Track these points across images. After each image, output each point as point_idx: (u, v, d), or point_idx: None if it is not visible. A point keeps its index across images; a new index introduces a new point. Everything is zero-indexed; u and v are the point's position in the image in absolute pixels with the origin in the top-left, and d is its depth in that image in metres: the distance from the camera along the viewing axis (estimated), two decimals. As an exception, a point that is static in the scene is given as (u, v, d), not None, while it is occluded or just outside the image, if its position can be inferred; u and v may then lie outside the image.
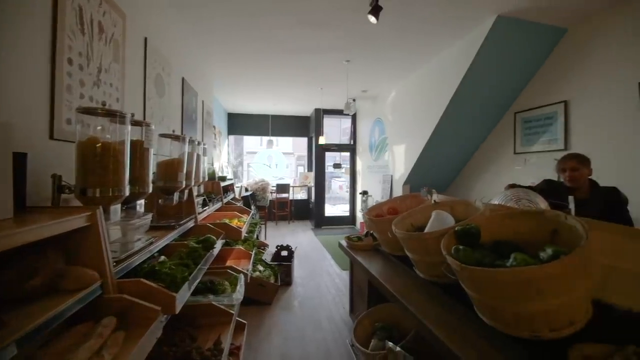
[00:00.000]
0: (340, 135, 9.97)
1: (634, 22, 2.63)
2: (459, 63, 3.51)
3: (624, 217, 1.68)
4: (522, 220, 1.04)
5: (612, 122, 2.79)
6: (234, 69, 4.46)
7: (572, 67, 3.17)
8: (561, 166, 1.93)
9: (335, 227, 7.02)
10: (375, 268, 1.61)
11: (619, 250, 0.89)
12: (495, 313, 0.84)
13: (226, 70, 4.52)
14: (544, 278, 0.71)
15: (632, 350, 0.74)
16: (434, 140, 4.18)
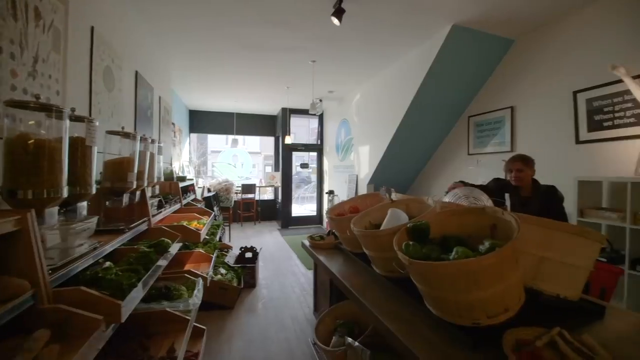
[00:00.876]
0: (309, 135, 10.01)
1: (568, 36, 2.94)
2: (418, 68, 3.69)
3: (560, 212, 1.88)
4: (467, 217, 1.12)
5: (551, 126, 3.09)
6: (194, 65, 4.28)
7: (518, 75, 3.47)
8: (508, 167, 2.09)
9: (303, 226, 7.02)
10: (336, 266, 1.63)
11: (548, 242, 1.00)
12: (440, 304, 0.90)
13: (186, 65, 4.32)
14: (481, 269, 0.77)
15: (557, 331, 0.83)
16: (396, 141, 4.34)
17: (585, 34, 2.79)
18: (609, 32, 2.60)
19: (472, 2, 2.76)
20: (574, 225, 1.00)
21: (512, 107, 3.54)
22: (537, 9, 2.84)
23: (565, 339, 0.79)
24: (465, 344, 0.85)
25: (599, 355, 0.72)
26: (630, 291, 2.15)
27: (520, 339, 0.82)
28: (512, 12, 2.91)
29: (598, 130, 2.72)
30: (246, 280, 3.32)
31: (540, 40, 3.20)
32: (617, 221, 2.23)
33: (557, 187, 1.98)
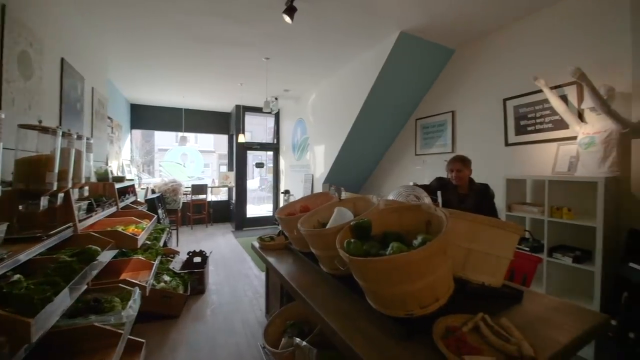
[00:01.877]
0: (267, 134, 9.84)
1: (500, 49, 3.25)
2: (370, 71, 3.81)
3: (492, 208, 2.08)
4: (405, 213, 1.17)
5: (485, 129, 3.40)
6: (135, 54, 3.94)
7: (457, 82, 3.76)
8: (449, 167, 2.27)
9: (258, 227, 6.86)
10: (285, 267, 1.61)
11: (474, 235, 1.08)
12: (378, 297, 0.93)
13: (126, 55, 3.96)
14: (413, 263, 0.81)
15: (480, 317, 0.90)
16: (350, 142, 4.45)
17: (513, 48, 3.11)
18: (533, 47, 2.93)
19: (417, 12, 2.92)
20: (495, 220, 1.10)
21: (452, 112, 3.83)
22: (472, 23, 3.10)
23: (487, 323, 0.86)
24: (400, 334, 0.89)
25: (513, 336, 0.80)
26: (549, 276, 2.46)
27: (450, 325, 0.88)
28: (451, 24, 3.14)
29: (523, 134, 3.05)
30: (194, 287, 3.14)
31: (476, 51, 3.51)
32: (538, 214, 2.53)
33: (489, 185, 2.18)
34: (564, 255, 2.35)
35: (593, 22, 2.50)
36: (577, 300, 2.34)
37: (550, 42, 2.79)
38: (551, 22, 2.79)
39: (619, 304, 2.01)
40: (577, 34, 2.60)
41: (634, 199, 2.22)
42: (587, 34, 2.54)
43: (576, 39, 2.61)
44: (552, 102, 2.63)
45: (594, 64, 2.43)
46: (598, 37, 2.46)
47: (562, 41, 2.71)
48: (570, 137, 2.60)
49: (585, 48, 2.54)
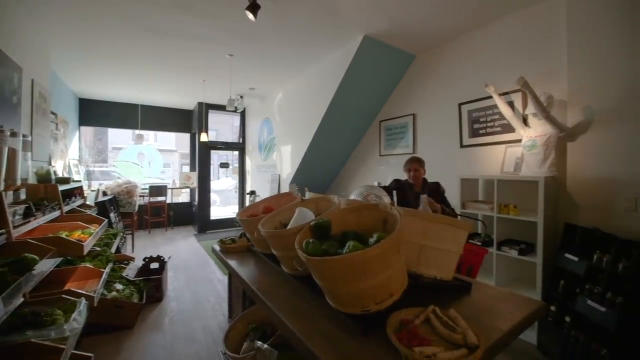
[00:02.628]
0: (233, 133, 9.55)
1: (455, 57, 3.46)
2: (335, 73, 3.86)
3: (444, 203, 2.21)
4: (364, 212, 1.20)
5: (442, 132, 3.59)
6: (83, 44, 3.63)
7: (418, 86, 3.93)
8: (407, 167, 2.39)
9: (223, 230, 6.63)
10: (246, 269, 1.57)
11: (427, 232, 1.14)
12: (335, 296, 0.94)
13: (73, 46, 3.64)
14: (367, 260, 0.83)
15: (431, 309, 0.95)
16: (317, 142, 4.47)
17: (467, 56, 3.32)
18: (485, 56, 3.15)
19: (379, 17, 3.01)
20: (446, 217, 1.17)
21: (413, 115, 4.00)
22: (430, 31, 3.26)
23: (437, 315, 0.91)
24: (356, 331, 0.91)
25: (459, 325, 0.85)
26: (498, 268, 2.66)
27: (403, 319, 0.91)
28: (412, 32, 3.28)
29: (476, 136, 3.27)
30: (150, 294, 2.95)
31: (434, 58, 3.70)
32: (488, 211, 2.72)
33: (440, 183, 2.34)
34: (511, 248, 2.55)
35: (535, 36, 2.75)
36: (522, 289, 2.56)
37: (499, 52, 3.02)
38: (500, 35, 3.03)
39: (557, 291, 2.23)
40: (522, 46, 2.84)
41: (569, 196, 2.47)
42: (530, 46, 2.78)
43: (521, 51, 2.85)
44: (501, 108, 2.85)
45: (536, 73, 2.67)
46: (539, 50, 2.71)
47: (509, 52, 2.94)
48: (516, 140, 2.84)
49: (529, 59, 2.78)
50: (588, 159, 2.38)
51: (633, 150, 2.12)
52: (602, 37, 2.28)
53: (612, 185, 2.22)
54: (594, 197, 2.33)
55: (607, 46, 2.25)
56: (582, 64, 2.40)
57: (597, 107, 2.32)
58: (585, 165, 2.39)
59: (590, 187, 2.35)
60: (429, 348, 0.75)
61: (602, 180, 2.28)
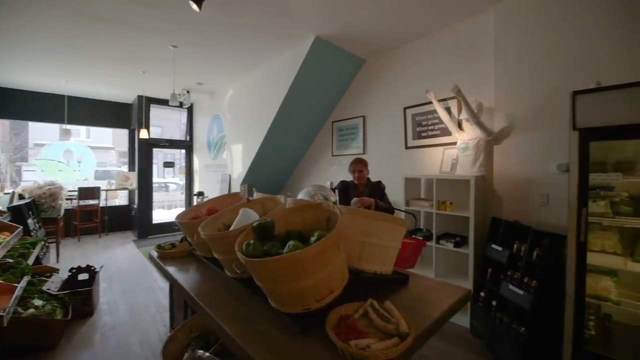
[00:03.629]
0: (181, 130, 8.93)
1: (401, 63, 3.66)
2: (287, 72, 3.83)
3: (384, 200, 2.35)
4: (308, 212, 1.21)
5: (389, 134, 3.78)
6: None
7: (367, 89, 4.08)
8: (352, 168, 2.50)
9: (167, 234, 6.17)
10: (185, 275, 1.48)
11: (369, 229, 1.18)
12: (276, 296, 0.93)
13: (-25, 23, 3.08)
14: (307, 259, 0.83)
15: (369, 303, 0.99)
16: (269, 141, 4.39)
17: (412, 63, 3.54)
18: (427, 64, 3.39)
19: (330, 20, 3.07)
20: (386, 215, 1.22)
21: (363, 117, 4.14)
22: (379, 38, 3.41)
23: (374, 308, 0.95)
24: (296, 331, 0.90)
25: (393, 316, 0.90)
26: (437, 260, 2.87)
27: (343, 314, 0.93)
28: (361, 37, 3.39)
29: (419, 139, 3.50)
30: (78, 309, 2.62)
31: (383, 63, 3.87)
32: (428, 208, 2.93)
33: (381, 181, 2.52)
34: (447, 241, 2.78)
35: (468, 48, 3.03)
36: (458, 278, 2.80)
37: (439, 61, 3.28)
38: (439, 45, 3.28)
39: (486, 278, 2.48)
40: (457, 57, 3.12)
41: (495, 193, 2.77)
42: (464, 58, 3.06)
43: (457, 61, 3.12)
44: (439, 113, 3.09)
45: (469, 82, 2.94)
46: (472, 61, 3.00)
47: (447, 61, 3.21)
48: (453, 143, 3.10)
49: (464, 69, 3.06)
50: (510, 161, 2.69)
51: (544, 154, 2.45)
52: (523, 53, 2.60)
53: (529, 183, 2.54)
54: (515, 194, 2.64)
55: (527, 62, 2.57)
56: (506, 76, 2.70)
57: (518, 115, 2.64)
58: (508, 165, 2.71)
59: (512, 185, 2.66)
60: (365, 340, 0.78)
61: (521, 179, 2.60)
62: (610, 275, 1.85)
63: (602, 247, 1.93)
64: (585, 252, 1.73)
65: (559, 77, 2.37)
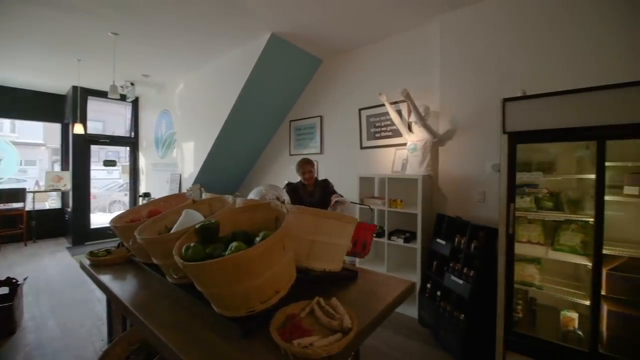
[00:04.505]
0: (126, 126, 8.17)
1: (357, 65, 3.75)
2: (243, 67, 3.72)
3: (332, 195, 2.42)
4: (256, 212, 1.18)
5: (346, 134, 3.86)
6: None
7: (324, 90, 4.12)
8: (301, 170, 2.53)
9: (107, 240, 5.59)
10: (121, 283, 1.36)
11: (318, 227, 1.19)
12: (219, 300, 0.89)
13: None
14: (249, 260, 0.81)
15: (316, 300, 0.99)
16: (223, 139, 4.23)
17: (367, 66, 3.65)
18: (380, 68, 3.52)
19: (285, 18, 3.04)
20: (335, 213, 1.25)
21: (321, 116, 4.18)
22: (334, 39, 3.46)
23: (320, 305, 0.95)
24: (240, 334, 0.87)
25: (338, 312, 0.91)
26: (388, 255, 3.00)
27: (290, 314, 0.92)
28: (316, 36, 3.41)
29: (373, 139, 3.63)
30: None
31: (339, 64, 3.94)
32: (381, 206, 3.05)
33: (328, 180, 2.60)
34: (398, 237, 2.92)
35: (417, 55, 3.21)
36: (407, 272, 2.95)
37: (391, 66, 3.43)
38: (391, 51, 3.43)
39: (432, 270, 2.65)
40: (407, 62, 3.29)
41: (440, 191, 2.97)
42: (414, 63, 3.23)
43: (407, 66, 3.29)
44: (391, 115, 3.23)
45: (418, 87, 3.11)
46: (421, 67, 3.18)
47: (398, 66, 3.36)
48: (403, 144, 3.26)
49: (413, 74, 3.23)
50: (453, 161, 2.91)
51: (481, 155, 2.68)
52: (464, 62, 2.82)
53: (469, 182, 2.77)
54: (457, 192, 2.86)
55: (468, 70, 2.80)
56: (450, 82, 2.91)
57: (460, 119, 2.86)
58: (451, 166, 2.92)
59: (455, 184, 2.88)
60: (308, 339, 0.78)
61: (462, 178, 2.82)
62: (535, 263, 2.08)
63: (528, 238, 2.18)
64: (514, 243, 1.93)
65: (494, 85, 2.61)
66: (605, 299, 1.76)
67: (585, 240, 1.88)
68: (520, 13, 2.51)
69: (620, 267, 1.79)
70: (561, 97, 1.76)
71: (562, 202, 2.08)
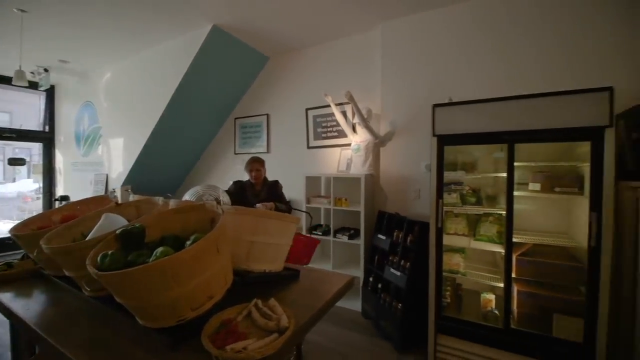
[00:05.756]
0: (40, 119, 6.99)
1: (304, 64, 3.76)
2: (182, 59, 3.47)
3: (282, 199, 2.38)
4: (191, 214, 1.11)
5: (293, 133, 3.85)
6: None
7: (271, 88, 4.05)
8: (249, 168, 2.44)
9: (11, 252, 4.75)
10: (27, 302, 1.16)
11: (258, 228, 1.16)
12: (143, 312, 0.82)
13: None
14: (178, 265, 0.76)
15: (253, 303, 0.97)
16: (159, 136, 3.89)
17: (313, 66, 3.69)
18: (326, 69, 3.59)
19: (226, 8, 2.91)
20: (275, 213, 1.24)
21: (267, 115, 4.11)
22: (279, 37, 3.42)
23: (258, 307, 0.93)
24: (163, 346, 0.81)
25: (276, 313, 0.90)
26: (334, 252, 3.08)
27: (225, 319, 0.88)
28: (261, 31, 3.33)
29: (319, 139, 3.68)
30: None
31: (286, 63, 3.91)
32: (327, 204, 3.11)
33: (278, 181, 2.54)
34: (343, 234, 3.01)
35: (360, 59, 3.34)
36: (352, 267, 3.07)
37: (337, 67, 3.52)
38: (336, 53, 3.52)
39: (373, 265, 2.79)
40: (352, 66, 3.40)
41: (381, 189, 3.14)
42: (358, 67, 3.36)
43: (352, 69, 3.40)
44: (336, 116, 3.31)
45: (361, 89, 3.24)
46: (364, 70, 3.32)
47: (343, 69, 3.46)
48: (348, 144, 3.36)
49: (357, 77, 3.35)
50: (392, 161, 3.09)
51: (417, 156, 2.89)
52: (403, 68, 3.01)
53: (406, 180, 2.98)
54: (396, 189, 3.05)
55: (406, 76, 2.99)
56: (390, 87, 3.09)
57: (399, 122, 3.05)
58: (391, 165, 3.10)
59: (394, 182, 3.06)
60: (242, 342, 0.75)
61: (400, 177, 3.02)
62: (460, 253, 2.33)
63: (455, 231, 2.42)
64: (442, 235, 2.13)
65: (428, 92, 2.84)
66: (516, 281, 2.04)
67: (500, 230, 2.16)
68: (451, 27, 2.77)
69: (527, 253, 2.09)
70: (481, 104, 1.99)
71: (482, 197, 2.35)
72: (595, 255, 1.70)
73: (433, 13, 2.84)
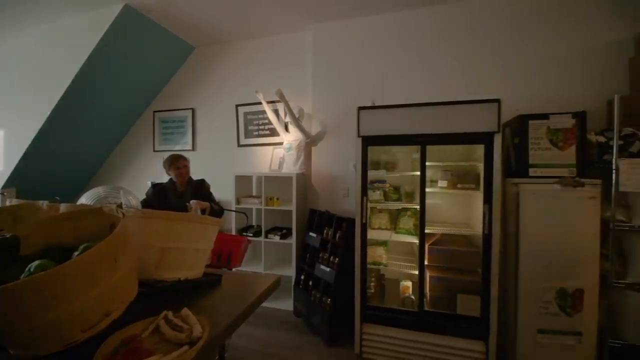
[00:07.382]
0: None
1: (235, 59, 3.59)
2: (85, 39, 2.99)
3: (210, 199, 2.23)
4: (85, 219, 0.95)
5: (222, 130, 3.65)
6: None
7: (198, 80, 3.77)
8: (173, 165, 2.21)
9: None
10: None
11: (172, 233, 1.06)
12: (14, 339, 0.67)
13: None
14: (57, 280, 0.64)
15: (163, 315, 0.88)
16: (54, 128, 3.29)
17: (244, 61, 3.57)
18: (257, 65, 3.50)
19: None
20: (194, 215, 1.16)
21: (193, 109, 3.82)
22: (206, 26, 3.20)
23: (168, 320, 0.85)
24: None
25: (188, 323, 0.83)
26: (266, 253, 3.02)
27: (126, 337, 0.78)
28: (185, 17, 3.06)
29: (251, 137, 3.57)
30: None
31: (215, 55, 3.69)
32: (258, 204, 3.04)
33: (205, 179, 2.40)
34: (275, 234, 2.98)
35: (294, 57, 3.35)
36: (284, 267, 3.05)
37: (269, 65, 3.46)
38: (269, 49, 3.46)
39: (305, 263, 2.82)
40: (285, 65, 3.38)
41: (312, 188, 3.20)
42: (291, 66, 3.35)
43: (284, 68, 3.38)
44: (268, 114, 3.25)
45: (292, 88, 3.24)
46: (296, 69, 3.33)
47: (276, 67, 3.42)
48: (280, 143, 3.34)
49: (290, 76, 3.34)
50: (323, 160, 3.18)
51: (345, 155, 3.02)
52: (332, 70, 3.10)
53: (336, 179, 3.09)
54: (327, 188, 3.14)
55: (335, 78, 3.10)
56: (320, 88, 3.16)
57: (329, 122, 3.14)
58: (322, 164, 3.18)
59: (325, 181, 3.15)
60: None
61: (331, 176, 3.12)
62: (383, 245, 2.51)
63: (378, 225, 2.60)
64: (367, 230, 2.27)
65: (355, 94, 2.98)
66: (428, 267, 2.29)
67: (416, 223, 2.39)
68: (377, 35, 2.95)
69: (436, 242, 2.36)
70: (399, 109, 2.17)
71: (401, 194, 2.58)
72: (487, 241, 2.01)
73: (361, 20, 2.99)
